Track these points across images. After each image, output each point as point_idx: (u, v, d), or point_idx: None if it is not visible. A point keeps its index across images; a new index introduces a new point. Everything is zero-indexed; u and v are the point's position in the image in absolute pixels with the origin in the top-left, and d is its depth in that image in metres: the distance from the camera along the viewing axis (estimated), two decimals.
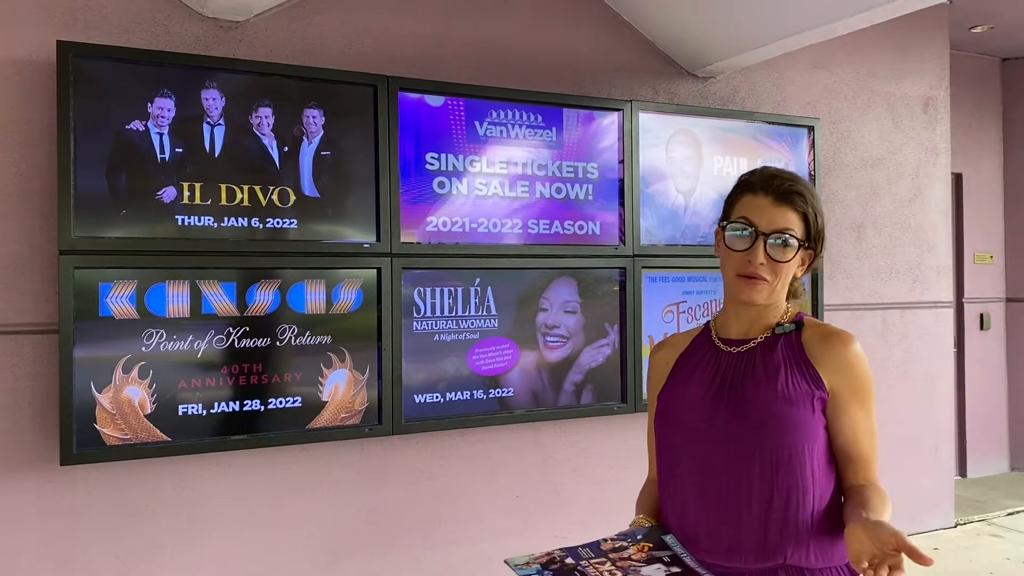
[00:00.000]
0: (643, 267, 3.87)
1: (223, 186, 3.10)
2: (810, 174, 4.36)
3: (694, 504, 1.55)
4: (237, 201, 3.13)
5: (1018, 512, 5.32)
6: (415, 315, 3.43)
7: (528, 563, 1.45)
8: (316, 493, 3.40)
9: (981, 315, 6.31)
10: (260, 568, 3.31)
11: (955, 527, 5.05)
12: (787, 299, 1.63)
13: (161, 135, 3.02)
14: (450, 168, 3.52)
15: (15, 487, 2.96)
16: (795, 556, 1.49)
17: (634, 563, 1.46)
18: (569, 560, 1.45)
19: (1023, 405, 6.35)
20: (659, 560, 1.47)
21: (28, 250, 2.97)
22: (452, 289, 3.51)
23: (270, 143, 3.19)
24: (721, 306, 1.70)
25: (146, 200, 2.99)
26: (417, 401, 3.43)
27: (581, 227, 3.78)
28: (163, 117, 3.03)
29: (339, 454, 3.44)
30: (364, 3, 3.54)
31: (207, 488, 3.22)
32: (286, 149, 3.21)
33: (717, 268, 1.66)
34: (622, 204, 3.84)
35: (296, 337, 3.21)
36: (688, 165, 4.04)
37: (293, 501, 3.36)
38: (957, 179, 6.18)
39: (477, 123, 3.57)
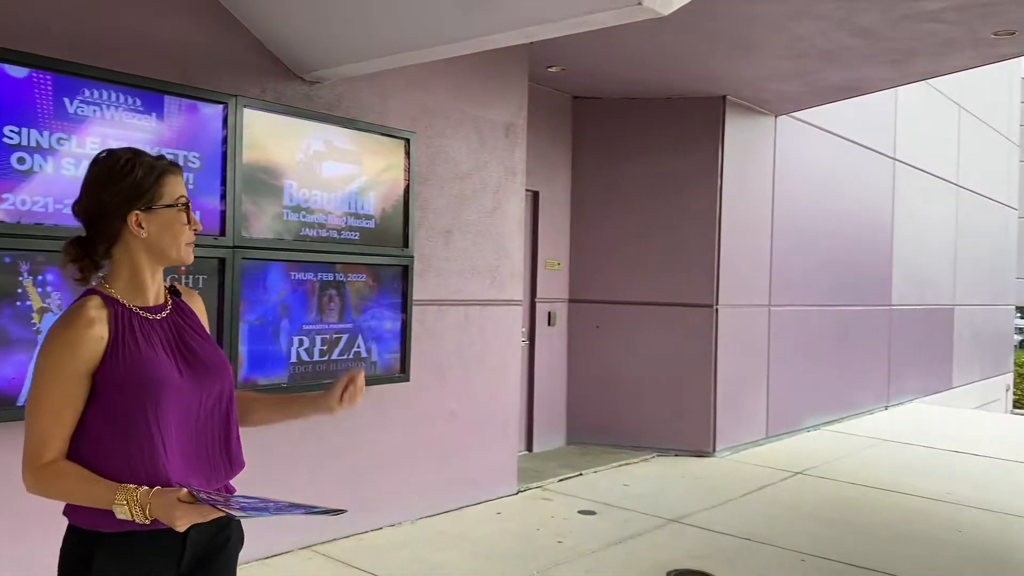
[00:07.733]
0: (243, 258, 4.01)
1: None
2: (406, 182, 4.83)
3: (187, 447, 1.78)
4: None
5: (567, 478, 6.35)
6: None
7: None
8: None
9: (549, 313, 7.38)
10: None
11: (517, 494, 5.89)
12: None
13: None
14: (33, 144, 3.35)
15: None
16: (241, 459, 1.93)
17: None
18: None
19: (578, 390, 7.56)
20: (214, 505, 1.65)
21: None
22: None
23: None
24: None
25: None
26: None
27: None
28: None
29: None
30: None
31: None
32: None
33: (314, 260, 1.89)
34: (224, 196, 3.94)
35: None
36: (293, 164, 4.26)
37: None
38: (535, 196, 7.17)
39: (67, 100, 3.44)
